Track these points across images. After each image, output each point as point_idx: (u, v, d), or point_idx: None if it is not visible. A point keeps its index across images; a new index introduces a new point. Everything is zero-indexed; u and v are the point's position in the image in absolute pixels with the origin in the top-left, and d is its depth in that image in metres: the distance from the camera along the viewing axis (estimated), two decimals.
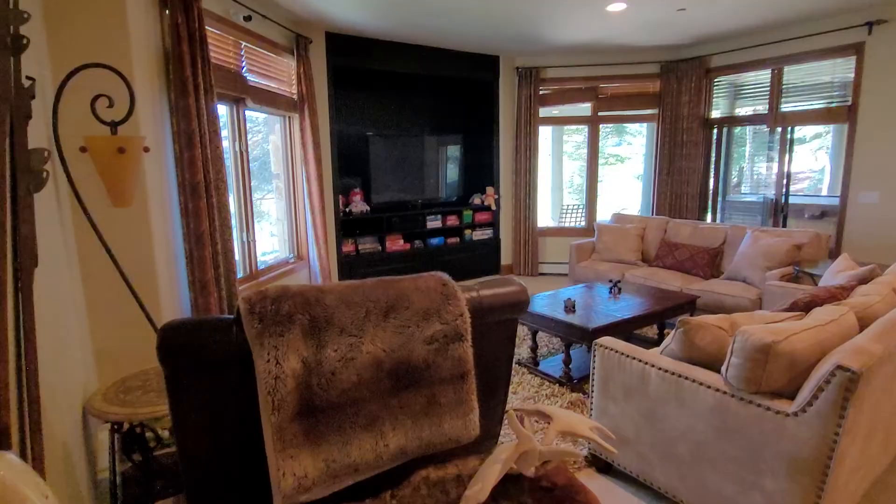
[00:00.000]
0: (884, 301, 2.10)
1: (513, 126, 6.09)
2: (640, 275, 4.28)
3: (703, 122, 5.53)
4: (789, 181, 5.05)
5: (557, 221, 8.85)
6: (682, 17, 4.43)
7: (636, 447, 2.07)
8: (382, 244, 5.44)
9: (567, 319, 2.98)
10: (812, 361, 1.68)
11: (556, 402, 2.85)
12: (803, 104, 4.79)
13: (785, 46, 4.77)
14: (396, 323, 1.31)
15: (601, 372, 2.19)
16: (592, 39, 5.16)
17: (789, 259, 3.61)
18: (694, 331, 1.93)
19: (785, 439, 1.61)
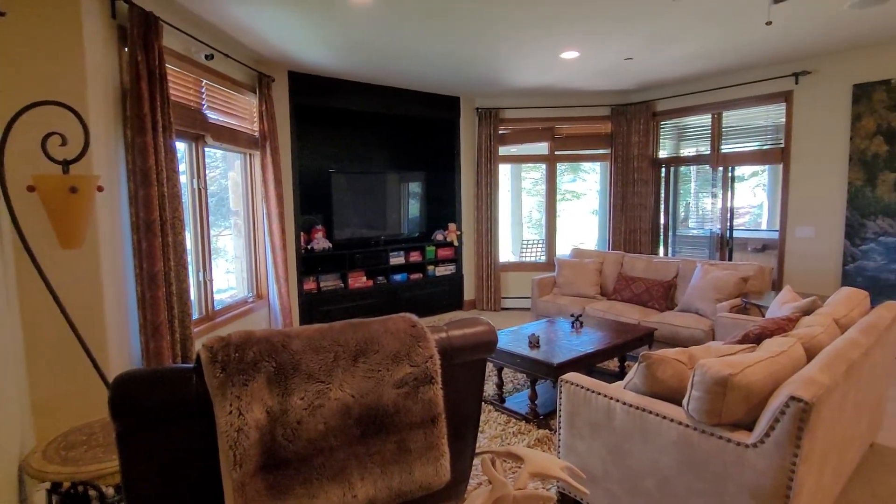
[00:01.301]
0: (826, 332, 2.23)
1: (474, 164, 6.24)
2: (600, 308, 4.39)
3: (651, 161, 5.83)
4: (732, 216, 5.36)
5: (518, 256, 9.00)
6: (630, 66, 4.73)
7: (604, 484, 2.07)
8: (345, 281, 5.37)
9: (532, 355, 3.00)
10: (767, 392, 1.75)
11: (523, 439, 2.83)
12: (741, 146, 5.15)
13: (723, 93, 5.15)
14: (366, 367, 1.29)
15: (568, 408, 2.20)
16: (548, 83, 5.42)
17: (737, 291, 3.80)
18: (656, 365, 1.98)
19: (746, 470, 1.65)
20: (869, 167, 4.18)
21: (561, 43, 4.00)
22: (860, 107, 4.20)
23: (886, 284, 4.12)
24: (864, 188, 4.21)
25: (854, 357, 1.93)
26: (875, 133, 4.14)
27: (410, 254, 5.86)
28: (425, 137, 6.33)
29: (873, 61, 4.16)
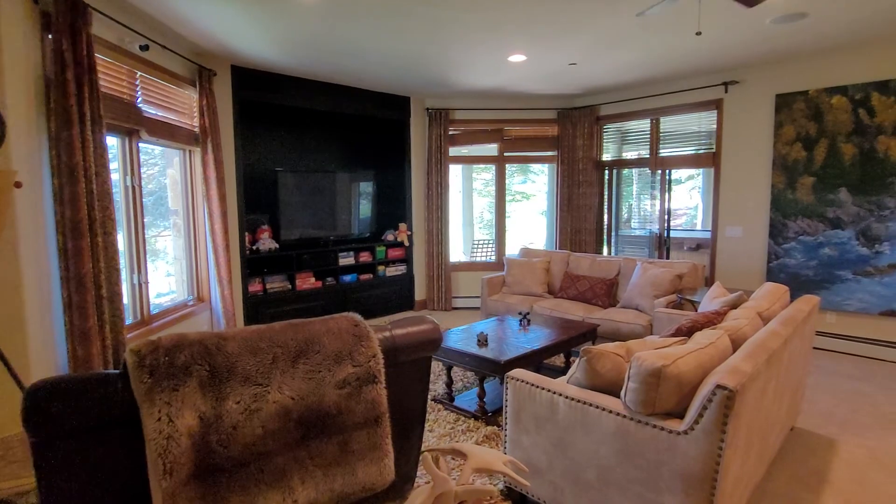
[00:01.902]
0: (751, 324, 2.39)
1: (424, 164, 6.25)
2: (547, 306, 4.50)
3: (595, 163, 6.05)
4: (670, 217, 5.64)
5: (469, 256, 9.08)
6: (574, 71, 4.88)
7: (548, 476, 2.13)
8: (292, 282, 5.24)
9: (480, 353, 3.03)
10: (696, 382, 1.85)
11: (471, 436, 2.87)
12: (678, 150, 5.43)
13: (661, 100, 5.41)
14: (306, 368, 1.26)
15: (513, 404, 2.24)
16: (497, 85, 5.51)
17: (673, 287, 4.00)
18: (595, 359, 2.06)
19: (678, 457, 1.74)
20: (790, 171, 4.51)
21: (509, 46, 4.08)
22: (782, 115, 4.53)
23: (805, 280, 4.46)
24: (786, 191, 4.54)
25: (774, 347, 2.07)
26: (795, 140, 4.47)
27: (360, 254, 5.79)
28: (376, 137, 6.28)
29: (793, 73, 4.50)
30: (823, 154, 4.32)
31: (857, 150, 4.16)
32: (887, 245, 4.05)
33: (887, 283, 4.06)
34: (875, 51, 4.08)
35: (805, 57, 4.42)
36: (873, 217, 4.10)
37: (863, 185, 4.14)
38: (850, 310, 4.25)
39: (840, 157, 4.24)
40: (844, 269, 4.25)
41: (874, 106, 4.06)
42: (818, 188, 4.36)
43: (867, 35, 3.87)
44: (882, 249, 4.07)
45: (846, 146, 4.20)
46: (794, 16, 3.43)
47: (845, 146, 4.20)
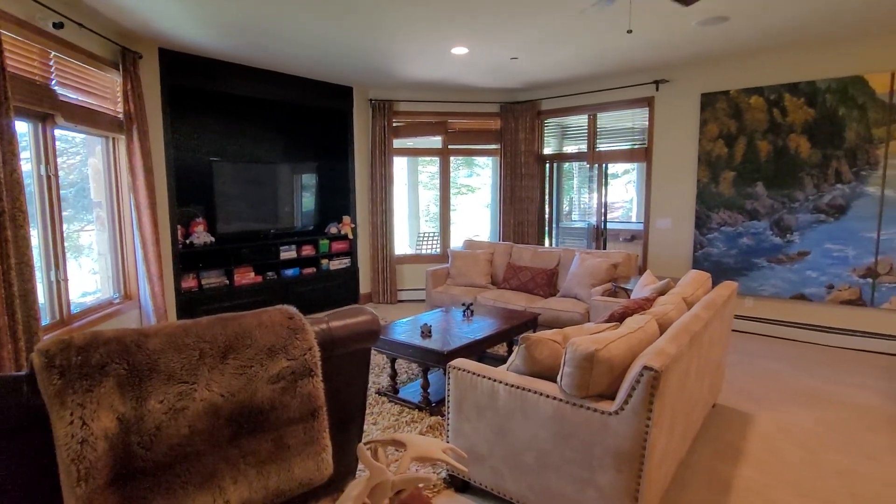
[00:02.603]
0: (676, 309, 2.54)
1: (368, 155, 6.16)
2: (490, 297, 4.58)
3: (537, 157, 6.19)
4: (606, 210, 5.88)
5: (415, 249, 9.07)
6: (516, 65, 4.96)
7: (490, 462, 2.18)
8: (230, 278, 5.03)
9: (423, 345, 3.05)
10: (626, 365, 1.95)
11: (416, 427, 2.88)
12: (613, 145, 5.66)
13: (597, 97, 5.61)
14: (236, 364, 1.22)
15: (455, 393, 2.27)
16: (441, 78, 5.51)
17: (608, 276, 4.18)
18: (534, 346, 2.12)
19: (610, 436, 1.83)
20: (713, 167, 4.82)
21: (451, 38, 4.08)
22: (706, 113, 4.82)
23: (726, 267, 4.80)
24: (710, 185, 4.85)
25: (696, 329, 2.21)
26: (718, 137, 4.77)
27: (303, 247, 5.65)
28: (319, 128, 6.12)
29: (717, 74, 4.79)
30: (743, 150, 4.64)
31: (771, 147, 4.50)
32: (797, 235, 4.42)
33: (797, 269, 4.43)
34: (787, 55, 4.41)
35: (727, 59, 4.71)
36: (785, 209, 4.46)
37: (776, 179, 4.49)
38: (765, 294, 4.62)
39: (757, 154, 4.57)
40: (760, 257, 4.60)
41: (786, 106, 4.41)
42: (738, 182, 4.68)
43: (781, 40, 4.18)
44: (793, 239, 4.44)
45: (762, 143, 4.54)
46: (717, 19, 3.65)
47: (761, 143, 4.54)
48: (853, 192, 4.15)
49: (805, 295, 4.42)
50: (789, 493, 2.30)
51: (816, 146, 4.29)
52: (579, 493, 1.92)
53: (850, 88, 4.12)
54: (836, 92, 4.18)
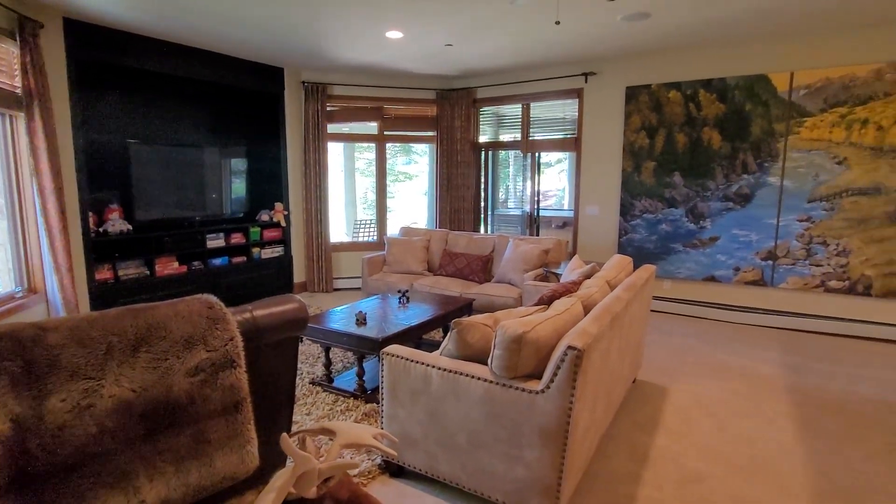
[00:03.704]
0: (600, 291, 2.67)
1: (301, 140, 5.97)
2: (427, 283, 4.62)
3: (473, 145, 6.26)
4: (539, 197, 6.07)
5: (352, 236, 8.94)
6: (451, 52, 4.97)
7: (424, 445, 2.21)
8: (151, 268, 4.73)
9: (358, 332, 3.03)
10: (552, 345, 2.04)
11: (350, 416, 2.87)
12: (546, 135, 5.82)
13: (531, 86, 5.74)
14: (149, 357, 1.16)
15: (389, 379, 2.28)
16: (377, 62, 5.41)
17: (540, 262, 4.33)
18: (465, 330, 2.16)
19: (537, 414, 1.91)
20: (636, 157, 5.09)
21: (386, 21, 4.01)
22: (630, 106, 5.07)
23: (648, 251, 5.11)
24: (633, 174, 5.12)
25: (617, 310, 2.34)
26: (640, 128, 5.04)
27: (232, 235, 5.40)
28: (248, 110, 5.83)
29: (640, 68, 5.04)
30: (662, 142, 4.93)
31: (687, 139, 4.81)
32: (709, 221, 4.78)
33: (708, 253, 4.80)
34: (702, 53, 4.72)
35: (650, 54, 4.97)
36: (699, 197, 4.81)
37: (692, 169, 4.82)
38: (681, 277, 4.97)
39: (675, 145, 4.87)
40: (677, 242, 4.94)
41: (701, 101, 4.72)
42: (658, 172, 4.98)
43: (697, 38, 4.45)
44: (705, 225, 4.80)
45: (679, 135, 4.84)
46: (640, 15, 3.83)
47: (679, 135, 4.84)
48: (757, 182, 4.54)
49: (715, 277, 4.80)
50: (699, 457, 2.51)
51: (726, 139, 4.64)
52: (509, 470, 2.00)
53: (756, 86, 4.48)
54: (744, 89, 4.53)
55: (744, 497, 2.20)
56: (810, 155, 4.31)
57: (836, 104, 4.18)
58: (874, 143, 4.08)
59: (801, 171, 4.36)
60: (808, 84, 4.27)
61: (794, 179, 4.39)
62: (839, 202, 4.23)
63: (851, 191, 4.19)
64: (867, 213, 4.14)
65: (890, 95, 4.01)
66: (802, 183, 4.36)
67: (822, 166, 4.27)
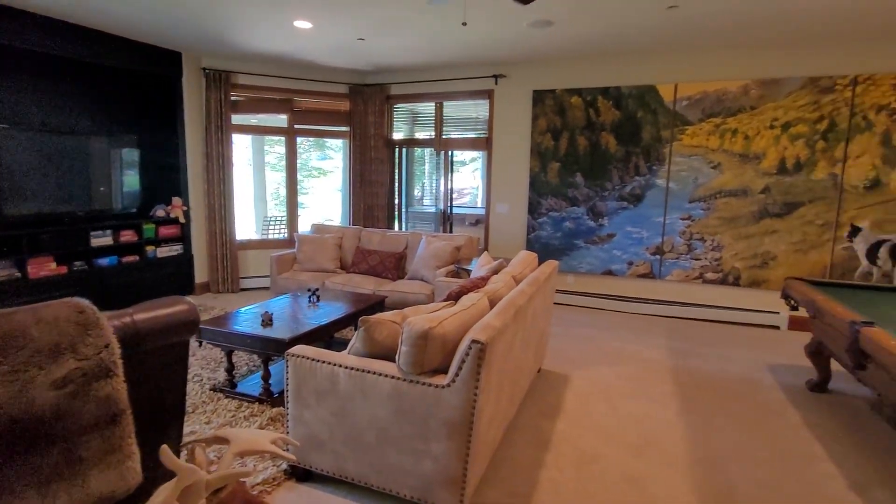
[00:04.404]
0: (506, 286, 2.78)
1: (202, 131, 5.59)
2: (339, 281, 4.53)
3: (386, 142, 6.22)
4: (452, 195, 6.17)
5: (262, 234, 8.55)
6: (364, 47, 4.90)
7: (331, 446, 2.17)
8: (23, 269, 4.19)
9: (264, 334, 2.90)
10: (458, 340, 2.09)
11: (255, 421, 2.75)
12: (459, 133, 5.93)
13: (444, 85, 5.82)
14: (5, 369, 1.03)
15: (294, 380, 2.22)
16: (286, 52, 5.19)
17: (452, 258, 4.42)
18: (373, 328, 2.15)
19: (443, 408, 1.95)
20: (543, 157, 5.35)
21: (293, 10, 3.86)
22: (537, 109, 5.31)
23: (553, 248, 5.40)
24: (540, 174, 5.37)
25: (521, 303, 2.45)
26: (546, 130, 5.30)
27: (122, 233, 4.93)
28: (142, 97, 5.34)
29: (546, 73, 5.29)
30: (566, 144, 5.22)
31: (588, 143, 5.14)
32: (607, 219, 5.15)
33: (606, 249, 5.17)
34: (601, 63, 5.05)
35: (555, 61, 5.23)
36: (598, 197, 5.16)
37: (592, 170, 5.15)
38: (582, 271, 5.31)
39: (577, 147, 5.19)
40: (579, 238, 5.27)
41: (599, 107, 5.06)
42: (562, 172, 5.27)
43: (596, 49, 4.76)
44: (603, 223, 5.16)
45: (581, 138, 5.16)
46: (544, 22, 4.02)
47: (580, 138, 5.16)
48: (647, 184, 4.96)
49: (612, 271, 5.18)
50: (595, 438, 2.70)
51: (621, 143, 5.01)
52: (416, 464, 2.02)
53: (646, 96, 4.88)
54: (636, 98, 4.92)
55: (633, 471, 2.40)
56: (690, 160, 4.78)
57: (712, 115, 4.68)
58: (742, 151, 4.62)
59: (683, 175, 4.82)
60: (689, 96, 4.74)
61: (678, 182, 4.85)
62: (714, 202, 4.75)
63: (724, 192, 4.71)
64: (736, 213, 4.68)
65: (755, 109, 4.55)
66: (684, 185, 4.83)
67: (700, 170, 4.76)
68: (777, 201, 4.56)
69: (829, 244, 4.44)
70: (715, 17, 3.79)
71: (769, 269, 4.63)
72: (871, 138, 4.26)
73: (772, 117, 4.50)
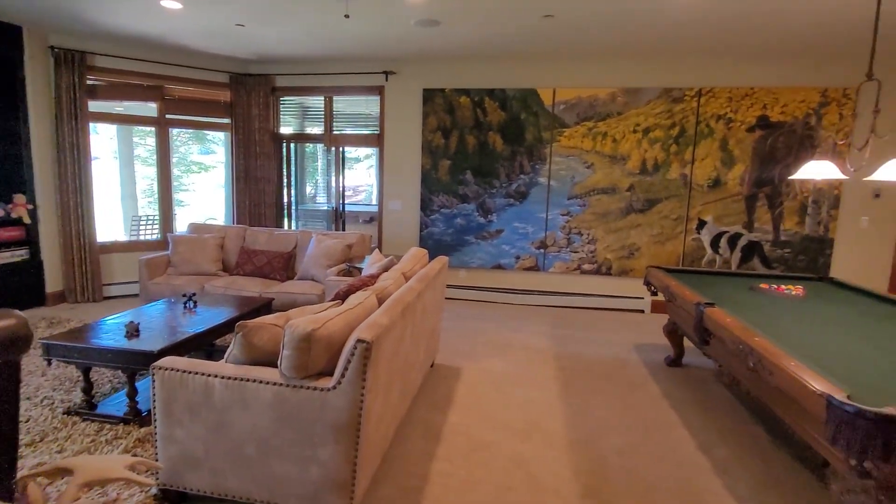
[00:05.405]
0: (396, 283, 2.78)
1: (52, 119, 4.88)
2: (221, 284, 4.23)
3: (273, 136, 5.92)
4: (345, 192, 6.05)
5: (132, 235, 7.72)
6: (244, 33, 4.60)
7: (208, 464, 2.03)
8: None
9: (128, 346, 2.62)
10: (344, 340, 2.05)
11: (120, 445, 2.47)
12: (351, 129, 5.82)
13: (334, 79, 5.66)
14: None
15: (163, 396, 2.03)
16: (154, 34, 4.70)
17: (344, 257, 4.33)
18: (252, 333, 2.04)
19: (329, 411, 1.90)
20: (434, 155, 5.44)
21: None
22: (427, 107, 5.38)
23: (446, 244, 5.52)
24: (431, 171, 5.46)
25: (409, 300, 2.47)
26: (437, 129, 5.39)
27: None
28: None
29: (436, 72, 5.37)
30: (456, 142, 5.36)
31: (476, 141, 5.32)
32: (495, 216, 5.38)
33: (495, 244, 5.41)
34: (487, 65, 5.25)
35: (444, 60, 5.33)
36: (487, 194, 5.37)
37: (481, 168, 5.35)
38: (474, 266, 5.50)
39: (466, 146, 5.35)
40: (470, 234, 5.45)
41: (486, 107, 5.26)
42: (453, 170, 5.41)
43: (483, 51, 4.92)
44: (492, 219, 5.39)
45: (470, 137, 5.32)
46: (431, 21, 4.07)
47: (469, 137, 5.33)
48: (531, 182, 5.26)
49: (501, 265, 5.43)
50: (485, 427, 2.81)
51: (507, 143, 5.26)
52: (303, 472, 1.95)
53: (528, 99, 5.16)
54: (520, 100, 5.18)
55: (519, 455, 2.54)
56: (568, 160, 5.16)
57: (586, 118, 5.08)
58: (611, 152, 5.08)
59: (562, 173, 5.19)
60: (567, 100, 5.10)
61: (558, 180, 5.20)
62: (589, 199, 5.17)
63: (597, 190, 5.15)
64: (607, 209, 5.14)
65: (621, 114, 5.02)
66: (563, 183, 5.20)
67: (577, 169, 5.15)
68: (640, 198, 5.09)
69: (681, 236, 5.06)
70: (586, 30, 4.11)
71: (634, 259, 5.16)
72: (713, 143, 4.91)
73: (635, 122, 5.00)
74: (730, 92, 4.83)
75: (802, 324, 2.63)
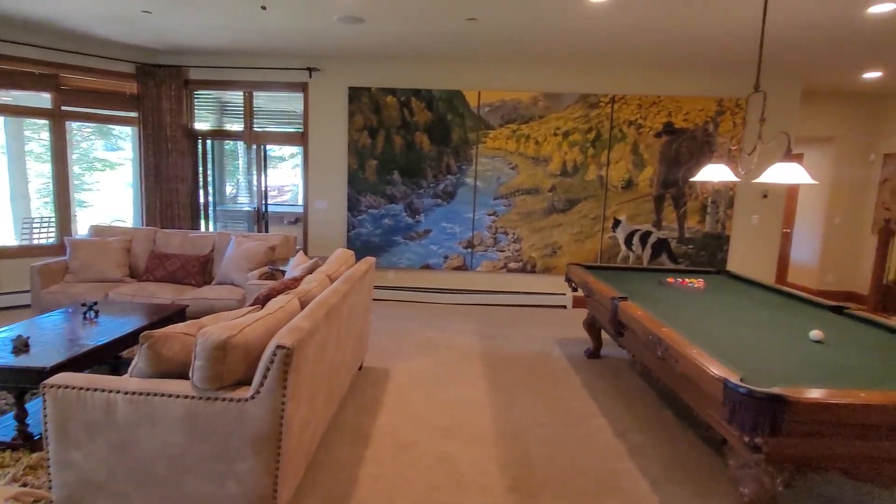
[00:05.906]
0: (320, 286, 2.71)
1: None
2: (128, 292, 3.91)
3: (187, 132, 5.56)
4: (268, 192, 5.81)
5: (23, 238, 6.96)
6: (151, 20, 4.28)
7: (112, 488, 1.86)
8: None
9: (15, 363, 2.35)
10: (264, 347, 1.96)
11: (7, 473, 2.21)
12: (274, 127, 5.59)
13: (254, 74, 5.41)
14: None
15: (57, 417, 1.84)
16: (47, 16, 4.25)
17: (266, 259, 4.16)
18: (160, 343, 1.90)
19: (247, 423, 1.82)
20: (360, 155, 5.36)
21: None
22: (353, 106, 5.30)
23: (374, 244, 5.46)
24: (358, 171, 5.38)
25: (333, 302, 2.41)
26: (363, 128, 5.32)
27: None
28: None
29: (362, 71, 5.29)
30: (383, 142, 5.32)
31: (403, 141, 5.31)
32: (423, 216, 5.40)
33: (423, 244, 5.43)
34: (414, 65, 5.25)
35: (370, 59, 5.26)
36: (415, 194, 5.37)
37: (408, 169, 5.34)
38: (402, 266, 5.48)
39: (393, 146, 5.32)
40: (398, 235, 5.43)
41: (413, 108, 5.26)
42: (380, 170, 5.36)
43: (408, 51, 4.91)
44: (420, 219, 5.40)
45: (397, 137, 5.30)
46: (354, 19, 4.00)
47: (396, 137, 5.30)
48: (458, 182, 5.33)
49: (430, 265, 5.46)
50: (412, 427, 2.81)
51: (434, 143, 5.30)
52: (219, 489, 1.85)
53: (454, 100, 5.23)
54: (446, 101, 5.23)
55: (445, 453, 2.56)
56: (494, 161, 5.28)
57: (510, 121, 5.23)
58: (534, 154, 5.27)
59: (488, 174, 5.30)
60: (491, 102, 5.22)
61: (484, 180, 5.32)
62: (514, 199, 5.33)
63: (521, 191, 5.31)
64: (531, 209, 5.33)
65: (542, 118, 5.22)
66: (489, 184, 5.32)
67: (502, 170, 5.29)
68: (561, 198, 5.32)
69: (599, 234, 5.34)
70: (508, 35, 4.22)
71: (557, 257, 5.38)
72: (625, 147, 5.23)
73: (555, 126, 5.22)
74: (640, 99, 5.16)
75: (703, 314, 2.87)
